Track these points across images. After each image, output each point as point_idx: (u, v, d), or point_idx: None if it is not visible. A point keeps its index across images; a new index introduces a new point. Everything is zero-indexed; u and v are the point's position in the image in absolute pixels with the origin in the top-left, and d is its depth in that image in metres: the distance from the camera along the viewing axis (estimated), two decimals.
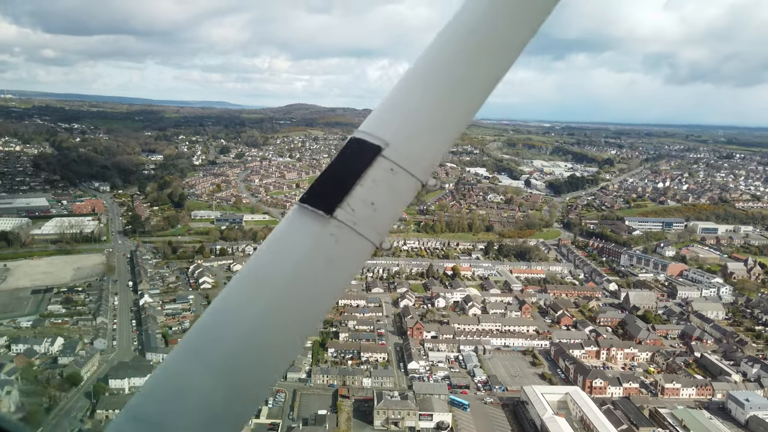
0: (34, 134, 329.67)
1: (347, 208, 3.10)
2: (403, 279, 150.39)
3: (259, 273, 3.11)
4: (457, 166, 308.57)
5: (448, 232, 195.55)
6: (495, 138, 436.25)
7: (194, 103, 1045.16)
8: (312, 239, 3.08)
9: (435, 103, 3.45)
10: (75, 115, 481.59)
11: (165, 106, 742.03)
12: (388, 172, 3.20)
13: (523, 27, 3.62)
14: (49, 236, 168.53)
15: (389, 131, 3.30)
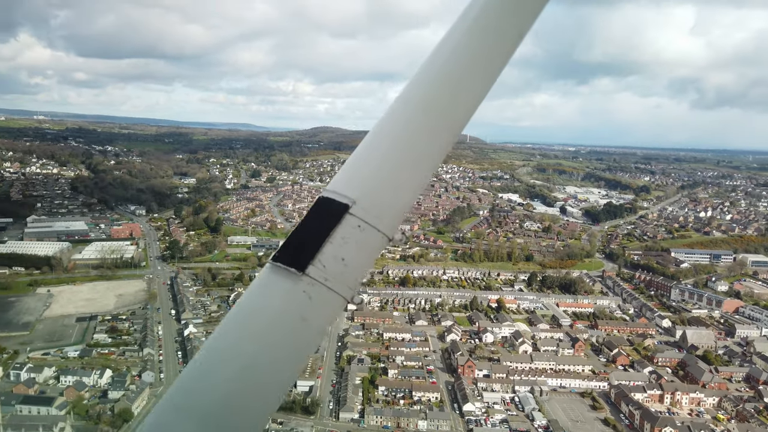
0: (70, 156, 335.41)
1: (318, 265, 3.23)
2: (447, 311, 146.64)
3: (234, 331, 3.20)
4: (489, 192, 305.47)
5: (487, 261, 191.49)
6: (524, 163, 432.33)
7: (220, 125, 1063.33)
8: (285, 296, 3.20)
9: (398, 161, 3.68)
10: (107, 137, 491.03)
11: (193, 128, 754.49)
12: (356, 229, 3.37)
13: (474, 89, 3.87)
14: (90, 261, 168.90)
15: (356, 190, 3.47)
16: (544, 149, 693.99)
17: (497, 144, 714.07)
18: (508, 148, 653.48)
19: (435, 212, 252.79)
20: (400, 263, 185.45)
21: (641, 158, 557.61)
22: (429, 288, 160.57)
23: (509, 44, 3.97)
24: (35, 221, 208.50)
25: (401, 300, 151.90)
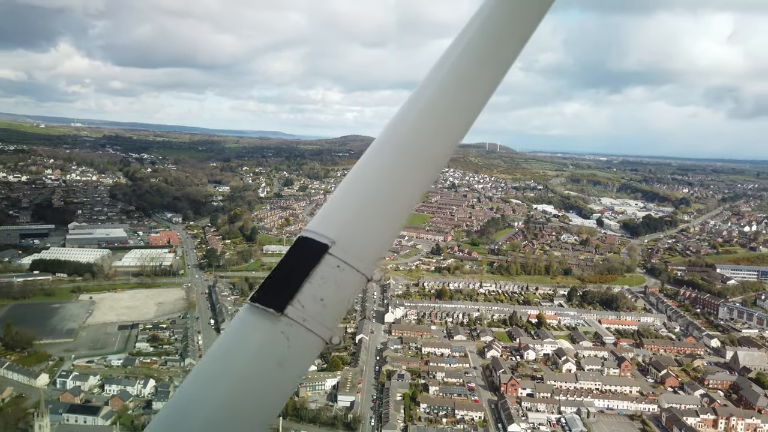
0: (109, 164, 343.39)
1: (297, 306, 3.23)
2: (485, 326, 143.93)
3: (212, 373, 3.18)
4: (522, 203, 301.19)
5: (524, 274, 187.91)
6: (557, 173, 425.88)
7: (250, 133, 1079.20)
8: (263, 338, 3.18)
9: (377, 201, 3.74)
10: (143, 145, 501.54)
11: (224, 136, 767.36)
12: (335, 269, 3.39)
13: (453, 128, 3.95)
14: (130, 268, 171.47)
15: (335, 230, 3.51)
16: (575, 159, 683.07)
17: (527, 153, 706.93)
18: (538, 157, 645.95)
19: (468, 223, 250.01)
20: (435, 275, 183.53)
21: (677, 169, 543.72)
22: (466, 301, 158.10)
23: (491, 81, 4.05)
24: (76, 228, 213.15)
25: (438, 313, 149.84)
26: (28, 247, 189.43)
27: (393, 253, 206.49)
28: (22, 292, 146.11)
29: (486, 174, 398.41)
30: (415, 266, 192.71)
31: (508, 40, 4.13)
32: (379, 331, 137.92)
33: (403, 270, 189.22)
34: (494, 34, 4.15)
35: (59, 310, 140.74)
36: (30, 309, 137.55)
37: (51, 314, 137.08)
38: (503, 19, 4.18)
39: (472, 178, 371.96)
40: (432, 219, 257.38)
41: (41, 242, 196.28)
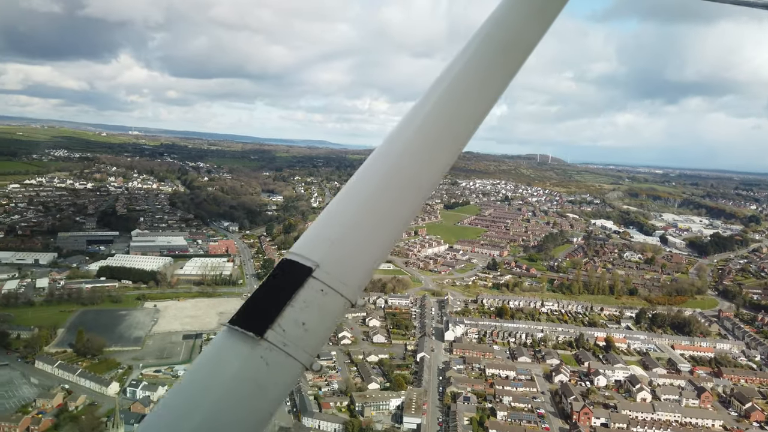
0: (167, 172, 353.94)
1: (278, 330, 3.17)
2: (550, 348, 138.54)
3: (188, 396, 3.11)
4: (580, 218, 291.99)
5: (587, 293, 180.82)
6: (614, 186, 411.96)
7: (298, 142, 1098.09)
8: (242, 362, 3.11)
9: (364, 225, 3.71)
10: (198, 153, 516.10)
11: (274, 145, 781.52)
12: (318, 293, 3.36)
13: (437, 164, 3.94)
14: (191, 277, 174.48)
15: (320, 253, 3.48)
16: (629, 171, 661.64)
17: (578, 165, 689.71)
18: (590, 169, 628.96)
19: (524, 238, 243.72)
20: (493, 292, 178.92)
21: (740, 183, 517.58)
22: (528, 321, 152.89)
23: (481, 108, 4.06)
24: (139, 235, 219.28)
25: (500, 333, 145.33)
26: (94, 253, 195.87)
27: (448, 268, 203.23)
28: (90, 298, 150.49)
29: (539, 186, 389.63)
30: (472, 282, 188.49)
31: (503, 63, 4.12)
32: (440, 349, 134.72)
33: (459, 285, 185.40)
34: (487, 57, 4.11)
35: (126, 317, 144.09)
36: (98, 315, 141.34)
37: (118, 321, 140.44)
38: (498, 43, 4.12)
39: (525, 191, 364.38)
40: (486, 233, 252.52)
41: (106, 249, 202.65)
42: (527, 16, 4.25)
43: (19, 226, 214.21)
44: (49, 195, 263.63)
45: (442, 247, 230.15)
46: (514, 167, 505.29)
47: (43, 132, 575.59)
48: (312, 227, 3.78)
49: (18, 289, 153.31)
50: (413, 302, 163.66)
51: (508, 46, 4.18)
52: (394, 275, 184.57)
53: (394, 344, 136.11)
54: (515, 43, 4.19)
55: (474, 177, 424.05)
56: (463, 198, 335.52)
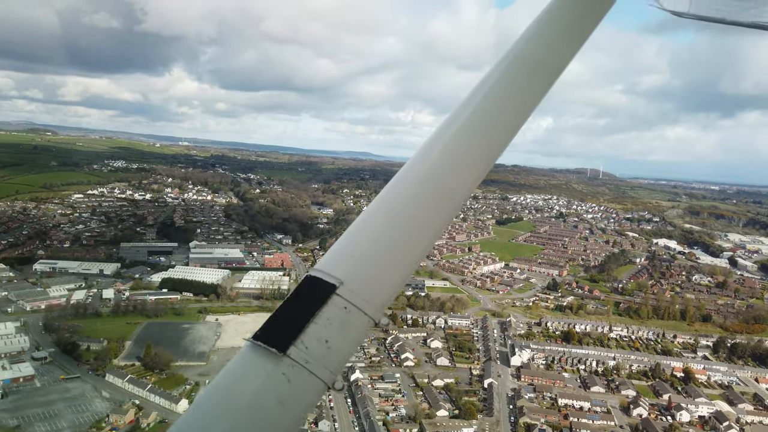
0: (221, 184, 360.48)
1: (301, 347, 3.20)
2: (624, 377, 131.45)
3: (210, 410, 3.12)
4: (640, 237, 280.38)
5: (656, 318, 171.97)
6: (672, 204, 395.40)
7: (341, 153, 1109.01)
8: (264, 378, 3.13)
9: (389, 244, 3.71)
10: (247, 164, 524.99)
11: (320, 157, 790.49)
12: (342, 311, 3.37)
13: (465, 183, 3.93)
14: (250, 290, 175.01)
15: (344, 270, 3.51)
16: (681, 186, 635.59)
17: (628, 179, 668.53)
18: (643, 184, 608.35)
19: (584, 257, 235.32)
20: (556, 314, 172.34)
21: None
22: (598, 347, 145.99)
23: (512, 125, 4.05)
24: (197, 247, 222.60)
25: (568, 359, 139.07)
26: (155, 264, 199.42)
27: (507, 287, 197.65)
28: (155, 310, 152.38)
29: (593, 203, 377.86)
30: (533, 303, 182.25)
31: (535, 81, 4.14)
32: (506, 374, 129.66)
33: (520, 306, 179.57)
34: (520, 74, 4.13)
35: (189, 330, 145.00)
36: (163, 328, 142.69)
37: (182, 335, 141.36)
38: (530, 60, 4.13)
39: (580, 207, 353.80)
40: (543, 251, 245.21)
41: (166, 260, 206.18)
42: (561, 33, 4.23)
43: (83, 236, 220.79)
44: (111, 205, 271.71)
45: (498, 265, 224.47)
46: (565, 182, 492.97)
47: (102, 143, 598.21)
48: (337, 244, 3.78)
49: (85, 300, 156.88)
50: (474, 323, 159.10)
51: (539, 63, 4.14)
52: (452, 294, 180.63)
53: (459, 368, 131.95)
54: (547, 61, 4.15)
55: (524, 192, 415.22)
56: (516, 214, 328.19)
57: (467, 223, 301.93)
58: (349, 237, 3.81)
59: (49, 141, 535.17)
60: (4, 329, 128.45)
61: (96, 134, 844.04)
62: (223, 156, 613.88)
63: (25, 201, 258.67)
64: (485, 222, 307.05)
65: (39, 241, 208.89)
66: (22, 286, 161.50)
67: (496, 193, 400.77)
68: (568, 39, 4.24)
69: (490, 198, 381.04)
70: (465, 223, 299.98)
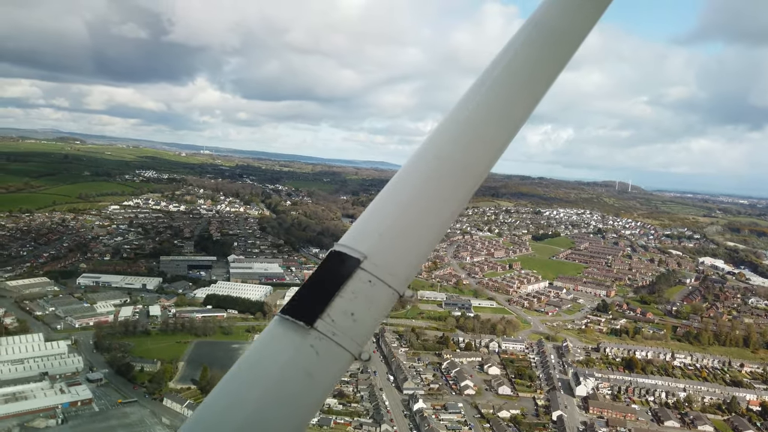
0: (252, 195, 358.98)
1: (327, 320, 3.28)
2: (697, 410, 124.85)
3: (240, 384, 3.22)
4: (684, 255, 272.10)
5: (717, 344, 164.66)
6: (710, 220, 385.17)
7: (360, 163, 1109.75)
8: (292, 351, 3.23)
9: (411, 217, 3.77)
10: (273, 175, 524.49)
11: (342, 167, 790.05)
12: (366, 284, 3.44)
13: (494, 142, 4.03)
14: None
15: (368, 244, 3.57)
16: (710, 200, 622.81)
17: (652, 192, 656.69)
18: (669, 197, 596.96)
19: (631, 276, 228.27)
20: (612, 338, 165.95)
21: None
22: (664, 377, 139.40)
23: (532, 97, 4.11)
24: (236, 261, 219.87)
25: (635, 389, 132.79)
26: (196, 279, 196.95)
27: (555, 308, 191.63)
28: (203, 328, 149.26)
29: (627, 217, 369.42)
30: (585, 326, 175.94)
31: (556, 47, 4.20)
32: (572, 405, 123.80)
33: (572, 329, 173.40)
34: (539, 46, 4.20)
35: (239, 351, 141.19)
36: (213, 348, 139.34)
37: (233, 356, 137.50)
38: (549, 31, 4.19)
39: (617, 222, 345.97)
40: (587, 269, 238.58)
41: (206, 274, 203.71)
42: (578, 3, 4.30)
43: (122, 248, 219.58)
44: (147, 217, 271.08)
45: (542, 284, 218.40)
46: (596, 195, 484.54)
47: (129, 152, 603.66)
48: (360, 220, 3.84)
49: (133, 317, 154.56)
50: (528, 347, 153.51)
51: (556, 34, 4.19)
52: (501, 315, 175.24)
53: (521, 397, 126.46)
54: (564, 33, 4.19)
55: (555, 205, 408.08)
56: (552, 229, 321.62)
57: (503, 238, 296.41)
58: (372, 212, 3.82)
59: (78, 150, 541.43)
60: (57, 348, 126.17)
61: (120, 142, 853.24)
62: (248, 166, 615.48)
63: (62, 212, 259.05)
64: (521, 237, 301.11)
65: (80, 254, 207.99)
66: (69, 301, 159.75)
67: (528, 206, 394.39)
68: (589, 5, 4.20)
69: (523, 212, 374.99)
70: (501, 239, 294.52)
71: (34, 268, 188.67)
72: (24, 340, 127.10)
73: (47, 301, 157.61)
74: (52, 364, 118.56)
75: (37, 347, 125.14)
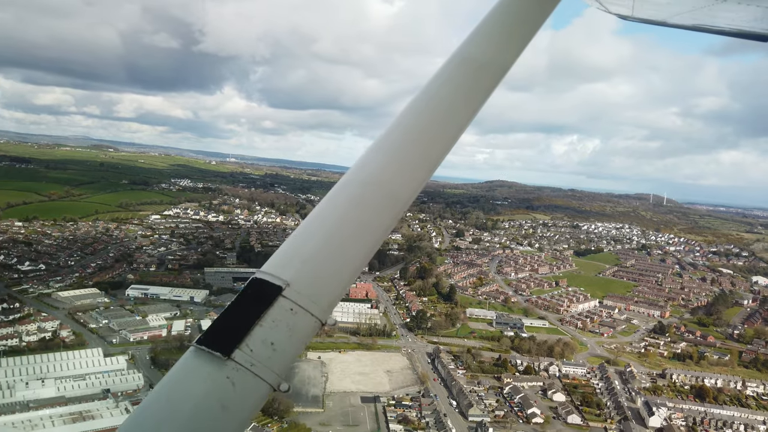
0: (287, 206, 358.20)
1: (246, 350, 3.20)
2: None
3: (152, 417, 3.07)
4: (733, 273, 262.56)
5: None
6: (756, 236, 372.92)
7: None
8: (207, 383, 3.12)
9: (336, 244, 3.73)
10: (303, 184, 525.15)
11: None
12: (288, 312, 3.41)
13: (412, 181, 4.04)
14: (345, 325, 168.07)
15: (291, 271, 3.55)
16: (747, 214, 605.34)
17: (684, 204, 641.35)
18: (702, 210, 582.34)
19: (684, 296, 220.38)
20: (675, 364, 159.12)
21: None
22: (739, 407, 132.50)
23: (456, 127, 4.16)
24: None
25: (711, 421, 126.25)
26: None
27: (609, 329, 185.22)
28: None
29: (668, 233, 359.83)
30: (645, 349, 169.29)
31: (476, 88, 4.30)
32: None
33: (631, 353, 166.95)
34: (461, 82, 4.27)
35: (294, 370, 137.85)
36: None
37: (289, 374, 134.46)
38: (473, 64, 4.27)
39: (660, 238, 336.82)
40: (636, 287, 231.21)
41: None
42: (507, 35, 4.42)
43: (167, 259, 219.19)
44: (187, 227, 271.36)
45: (592, 303, 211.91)
46: (633, 209, 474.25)
47: (161, 160, 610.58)
48: (284, 245, 3.82)
49: (185, 331, 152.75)
50: (590, 372, 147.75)
51: (484, 65, 4.25)
52: (558, 337, 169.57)
53: (592, 427, 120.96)
54: (492, 62, 4.28)
55: (593, 219, 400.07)
56: (594, 244, 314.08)
57: (544, 253, 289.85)
58: (296, 239, 3.81)
59: (112, 158, 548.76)
60: (117, 364, 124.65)
61: (148, 149, 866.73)
62: (277, 174, 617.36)
63: (105, 221, 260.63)
64: (563, 252, 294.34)
65: (125, 264, 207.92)
66: (121, 314, 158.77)
67: (564, 219, 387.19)
68: (513, 41, 4.32)
69: (560, 225, 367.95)
70: (542, 254, 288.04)
71: (83, 278, 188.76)
72: (83, 355, 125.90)
73: (100, 313, 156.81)
74: (113, 380, 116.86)
75: (97, 362, 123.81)
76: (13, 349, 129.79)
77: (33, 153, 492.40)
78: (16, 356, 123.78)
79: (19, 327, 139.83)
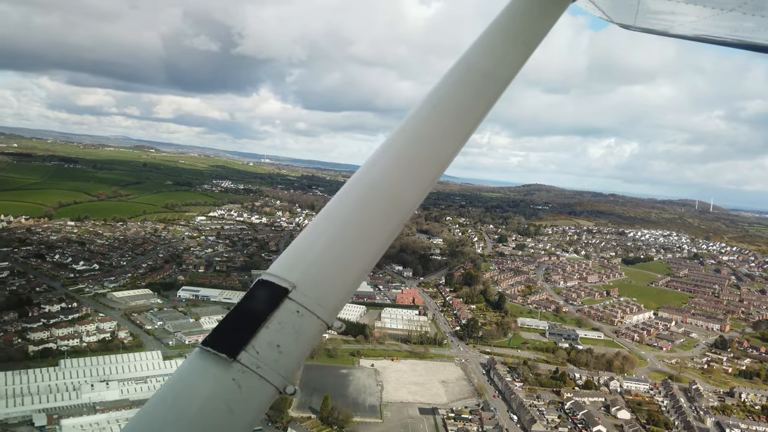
0: None
1: (252, 351, 3.19)
2: None
3: (155, 422, 3.06)
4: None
5: None
6: None
7: None
8: (213, 385, 3.11)
9: (343, 247, 3.74)
10: (336, 186, 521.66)
11: None
12: (294, 315, 3.39)
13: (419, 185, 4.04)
14: (395, 332, 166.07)
15: (297, 274, 3.53)
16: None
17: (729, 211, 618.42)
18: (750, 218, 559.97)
19: (744, 309, 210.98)
20: (741, 381, 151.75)
21: None
22: None
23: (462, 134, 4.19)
24: None
25: None
26: None
27: (668, 342, 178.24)
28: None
29: (718, 241, 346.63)
30: (708, 365, 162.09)
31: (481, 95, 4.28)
32: None
33: (693, 368, 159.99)
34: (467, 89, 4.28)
35: (349, 377, 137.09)
36: (323, 372, 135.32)
37: (344, 382, 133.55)
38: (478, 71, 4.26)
39: (711, 247, 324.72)
40: (692, 299, 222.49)
41: None
42: (511, 43, 4.41)
43: (214, 261, 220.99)
44: (232, 228, 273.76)
45: (647, 314, 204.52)
46: (679, 216, 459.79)
47: (201, 161, 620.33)
48: (290, 247, 3.78)
49: None
50: (654, 388, 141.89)
51: (489, 73, 4.27)
52: (616, 350, 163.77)
53: None
54: (497, 71, 4.30)
55: (637, 225, 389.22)
56: (642, 252, 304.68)
57: (591, 261, 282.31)
58: (302, 241, 3.76)
59: (154, 158, 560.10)
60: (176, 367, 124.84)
61: (186, 150, 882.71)
62: (313, 176, 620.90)
63: (153, 222, 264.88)
64: (611, 260, 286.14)
65: (175, 266, 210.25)
66: (175, 315, 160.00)
67: (609, 226, 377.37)
68: (518, 49, 4.32)
69: (605, 232, 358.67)
70: (590, 261, 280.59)
71: (135, 278, 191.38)
72: (144, 357, 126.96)
73: (155, 315, 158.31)
74: None
75: (157, 365, 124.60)
76: (75, 350, 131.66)
77: (79, 153, 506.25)
78: (79, 357, 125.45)
79: (79, 327, 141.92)
